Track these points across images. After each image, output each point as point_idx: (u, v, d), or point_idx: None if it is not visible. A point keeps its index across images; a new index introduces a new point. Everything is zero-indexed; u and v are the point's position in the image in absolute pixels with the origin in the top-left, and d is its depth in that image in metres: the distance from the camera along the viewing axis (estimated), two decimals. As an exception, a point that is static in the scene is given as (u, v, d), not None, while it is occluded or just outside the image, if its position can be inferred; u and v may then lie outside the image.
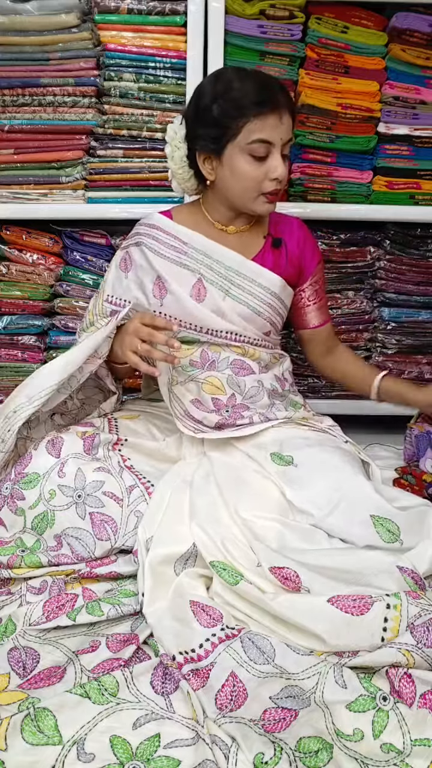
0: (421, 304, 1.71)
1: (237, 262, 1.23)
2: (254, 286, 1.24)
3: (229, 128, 1.11)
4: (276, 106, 1.10)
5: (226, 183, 1.17)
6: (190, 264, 1.22)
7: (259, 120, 1.10)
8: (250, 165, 1.13)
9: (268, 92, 1.11)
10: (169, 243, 1.23)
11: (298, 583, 0.91)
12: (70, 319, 1.65)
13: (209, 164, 1.18)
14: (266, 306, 1.25)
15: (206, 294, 1.22)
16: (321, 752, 0.72)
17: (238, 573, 0.93)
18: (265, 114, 1.10)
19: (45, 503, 1.05)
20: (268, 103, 1.10)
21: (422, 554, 0.94)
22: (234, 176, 1.15)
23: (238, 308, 1.23)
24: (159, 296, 1.22)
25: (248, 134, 1.11)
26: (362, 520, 1.02)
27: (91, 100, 1.53)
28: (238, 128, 1.11)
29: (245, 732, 0.75)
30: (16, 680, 0.84)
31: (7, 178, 1.56)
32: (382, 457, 1.39)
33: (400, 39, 1.51)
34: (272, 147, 1.12)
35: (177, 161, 1.22)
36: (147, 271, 1.23)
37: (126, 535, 1.07)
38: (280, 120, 1.11)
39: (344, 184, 1.59)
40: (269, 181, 1.14)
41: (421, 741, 0.73)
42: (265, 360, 1.29)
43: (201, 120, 1.15)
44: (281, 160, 1.14)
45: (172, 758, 0.72)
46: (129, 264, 1.26)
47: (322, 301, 1.35)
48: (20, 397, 1.14)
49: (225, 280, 1.22)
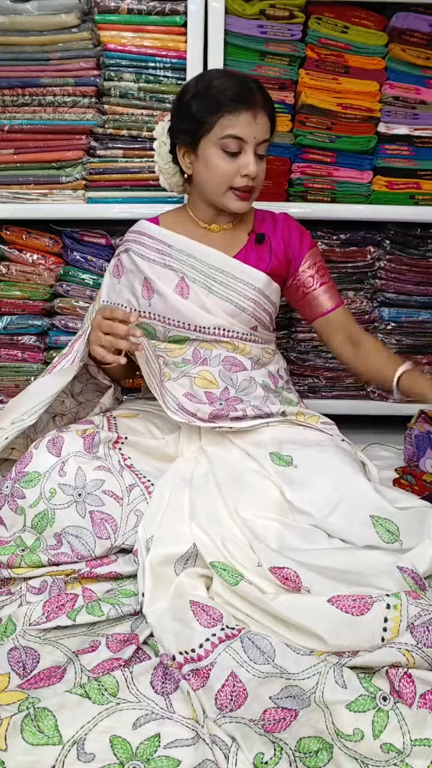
0: (421, 304, 1.71)
1: (219, 260, 1.26)
2: (237, 283, 1.26)
3: (204, 123, 1.16)
4: (251, 105, 1.15)
5: (202, 177, 1.22)
6: (174, 264, 1.26)
7: (232, 116, 1.14)
8: (222, 159, 1.18)
9: (244, 90, 1.16)
10: (155, 246, 1.28)
11: (298, 583, 0.91)
12: (70, 319, 1.65)
13: (187, 158, 1.23)
14: (249, 301, 1.27)
15: (189, 291, 1.25)
16: (321, 752, 0.72)
17: (238, 573, 0.93)
18: (238, 110, 1.14)
19: (45, 502, 1.05)
20: (243, 101, 1.14)
21: (422, 554, 0.94)
22: (207, 169, 1.20)
23: (222, 305, 1.26)
24: (147, 297, 1.27)
25: (221, 129, 1.15)
26: (362, 520, 1.02)
27: (91, 100, 1.53)
28: (212, 123, 1.16)
29: (245, 732, 0.75)
30: (16, 680, 0.84)
31: (7, 178, 1.56)
32: (382, 457, 1.39)
33: (400, 39, 1.51)
34: (245, 144, 1.16)
35: (163, 156, 1.28)
36: (136, 274, 1.28)
37: (126, 534, 1.07)
38: (254, 119, 1.15)
39: (344, 184, 1.59)
40: (240, 177, 1.18)
41: (421, 741, 0.73)
42: (257, 355, 1.31)
43: (181, 115, 1.20)
44: (254, 158, 1.17)
45: (172, 758, 0.72)
46: (121, 270, 1.32)
47: (328, 283, 1.34)
48: (4, 421, 1.14)
49: (207, 278, 1.26)
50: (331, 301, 1.33)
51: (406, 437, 1.36)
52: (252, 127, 1.15)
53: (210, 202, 1.26)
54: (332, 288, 1.35)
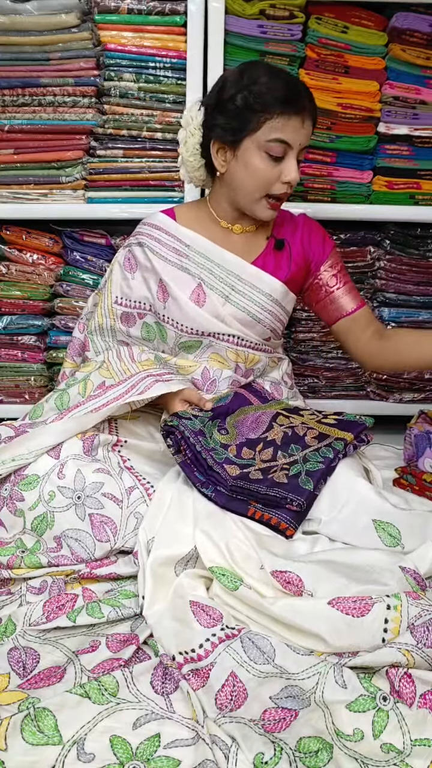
0: (421, 304, 1.71)
1: (238, 267, 1.23)
2: (255, 292, 1.23)
3: (250, 121, 1.10)
4: (301, 109, 1.10)
5: (237, 177, 1.16)
6: (191, 268, 1.22)
7: (282, 119, 1.09)
8: (264, 163, 1.12)
9: (296, 93, 1.10)
10: (171, 245, 1.23)
11: (300, 587, 0.91)
12: (70, 319, 1.65)
13: (222, 155, 1.16)
14: (266, 313, 1.25)
15: (206, 299, 1.22)
16: (321, 752, 0.72)
17: (238, 578, 0.92)
18: (289, 114, 1.09)
19: (44, 504, 1.05)
20: (294, 104, 1.09)
21: (424, 555, 0.94)
22: (247, 171, 1.14)
23: (238, 315, 1.23)
24: (162, 299, 1.24)
25: (269, 131, 1.10)
26: (364, 525, 1.02)
27: (91, 100, 1.53)
28: (260, 123, 1.10)
29: (245, 732, 0.75)
30: (16, 680, 0.84)
31: (7, 178, 1.56)
32: (382, 457, 1.39)
33: (400, 39, 1.51)
34: (290, 149, 1.12)
35: (189, 148, 1.20)
36: (151, 272, 1.24)
37: (125, 536, 1.07)
38: (302, 124, 1.11)
39: (344, 184, 1.59)
40: (281, 183, 1.14)
41: (421, 741, 0.73)
42: (263, 365, 1.31)
43: (222, 109, 1.13)
44: (296, 164, 1.13)
45: (172, 758, 0.72)
46: (134, 264, 1.27)
47: (349, 284, 1.29)
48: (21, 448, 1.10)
49: (226, 286, 1.22)
50: (355, 301, 1.28)
51: (406, 437, 1.36)
52: (299, 132, 1.11)
53: (236, 205, 1.21)
54: (354, 288, 1.30)
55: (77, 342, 1.38)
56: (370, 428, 1.21)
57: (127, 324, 1.30)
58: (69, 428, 1.10)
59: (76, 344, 1.38)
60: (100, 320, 1.31)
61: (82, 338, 1.38)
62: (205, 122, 1.17)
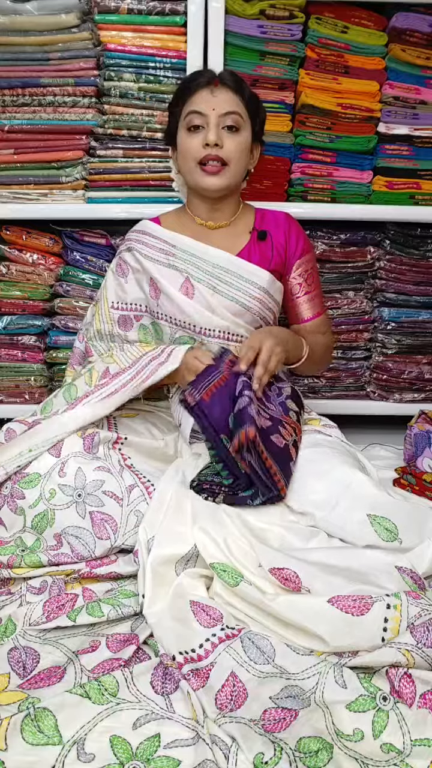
0: (421, 304, 1.71)
1: (223, 259, 1.27)
2: (242, 282, 1.27)
3: (176, 115, 1.27)
4: (207, 81, 1.22)
5: (180, 163, 1.28)
6: (178, 264, 1.27)
7: (192, 96, 1.23)
8: (187, 137, 1.24)
9: (200, 72, 1.26)
10: (158, 246, 1.29)
11: (298, 584, 0.91)
12: (70, 319, 1.65)
13: (174, 155, 1.32)
14: (255, 301, 1.27)
15: (194, 291, 1.26)
16: (321, 752, 0.72)
17: (238, 574, 0.93)
18: (196, 89, 1.22)
19: (45, 502, 1.05)
20: (198, 80, 1.23)
21: (422, 555, 0.95)
22: (180, 153, 1.27)
23: (227, 304, 1.26)
24: (155, 296, 1.28)
25: (185, 113, 1.24)
26: (360, 519, 1.02)
27: (91, 100, 1.53)
28: (180, 112, 1.25)
29: (245, 732, 0.75)
30: (16, 680, 0.84)
31: (7, 178, 1.56)
32: (382, 457, 1.39)
33: (400, 39, 1.51)
34: (206, 117, 1.21)
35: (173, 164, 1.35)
36: (142, 273, 1.30)
37: (126, 534, 1.07)
38: (211, 93, 1.22)
39: (344, 184, 1.59)
40: (203, 147, 1.21)
41: (421, 741, 0.73)
42: None
43: (168, 123, 1.31)
44: (217, 129, 1.21)
45: (172, 758, 0.72)
46: (126, 268, 1.32)
47: (313, 292, 1.36)
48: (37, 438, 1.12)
49: (212, 278, 1.26)
50: (313, 310, 1.36)
51: (406, 437, 1.36)
52: (210, 101, 1.21)
53: (193, 191, 1.29)
54: (316, 297, 1.36)
55: (78, 351, 1.42)
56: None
57: (125, 328, 1.33)
58: (83, 414, 1.13)
59: (78, 353, 1.42)
60: (98, 326, 1.35)
61: (82, 348, 1.41)
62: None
